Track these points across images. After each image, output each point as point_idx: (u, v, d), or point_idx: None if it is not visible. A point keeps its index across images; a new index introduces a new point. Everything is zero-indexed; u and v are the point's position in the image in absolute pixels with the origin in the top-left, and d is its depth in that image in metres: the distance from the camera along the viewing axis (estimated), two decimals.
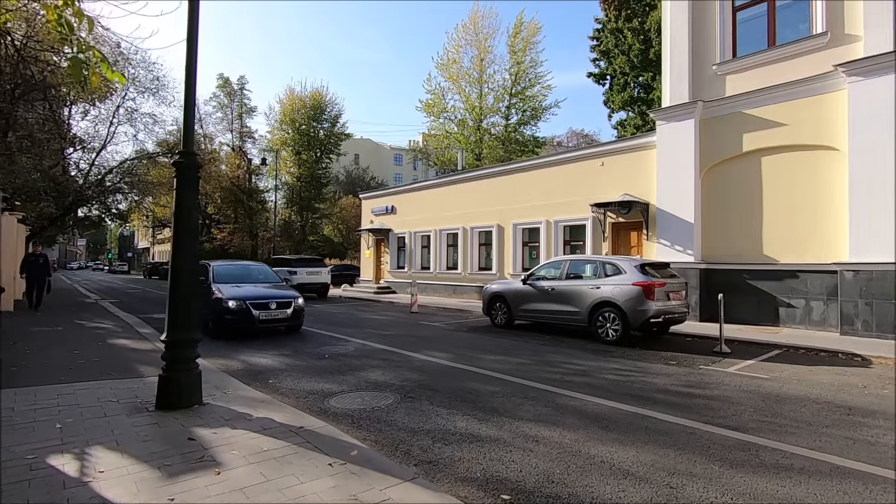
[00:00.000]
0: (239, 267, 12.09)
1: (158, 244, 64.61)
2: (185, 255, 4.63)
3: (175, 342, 4.55)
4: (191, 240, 4.68)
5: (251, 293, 9.90)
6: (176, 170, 4.67)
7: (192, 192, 4.71)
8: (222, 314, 9.44)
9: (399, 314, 14.37)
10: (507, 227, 17.18)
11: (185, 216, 4.63)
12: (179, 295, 4.60)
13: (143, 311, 14.47)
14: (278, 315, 9.70)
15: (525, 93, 39.40)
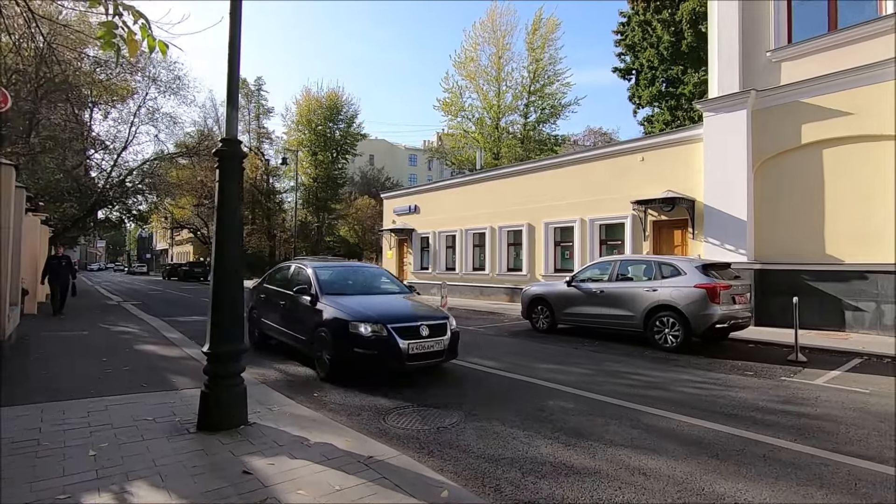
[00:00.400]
0: (348, 270, 8.46)
1: (177, 245, 65.08)
2: (229, 256, 4.10)
3: (218, 355, 4.02)
4: (235, 238, 4.15)
5: (388, 311, 6.37)
6: (218, 160, 4.13)
7: (236, 184, 4.17)
8: (346, 345, 5.92)
9: None
10: (538, 227, 16.52)
11: (228, 212, 4.10)
12: (223, 301, 4.08)
13: (166, 313, 14.11)
14: (433, 346, 6.11)
15: (544, 90, 38.71)
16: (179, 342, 8.64)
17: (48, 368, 6.18)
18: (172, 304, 17.70)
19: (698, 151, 12.38)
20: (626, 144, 14.38)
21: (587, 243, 14.92)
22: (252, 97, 49.63)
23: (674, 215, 12.93)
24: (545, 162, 16.75)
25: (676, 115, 24.49)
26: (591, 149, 15.54)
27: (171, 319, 12.50)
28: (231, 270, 4.11)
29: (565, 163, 15.88)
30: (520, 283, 17.01)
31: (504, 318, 13.55)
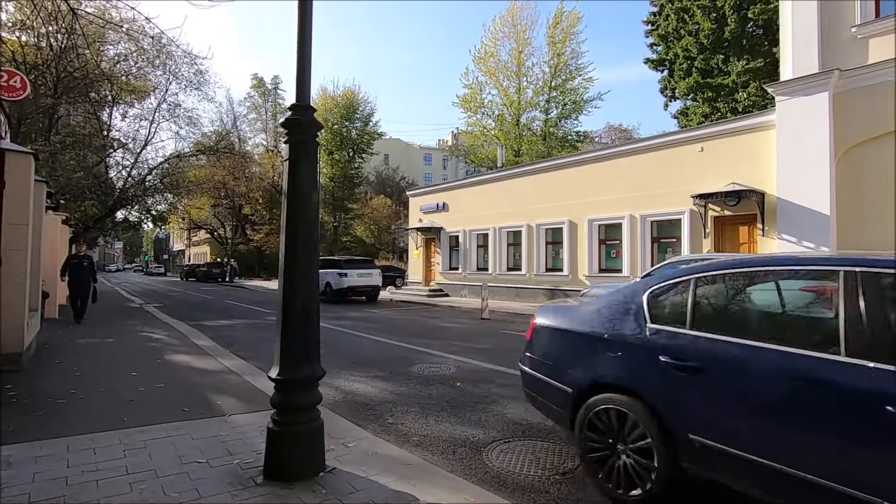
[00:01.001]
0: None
1: (194, 246, 64.98)
2: (302, 256, 3.21)
3: (291, 382, 3.13)
4: (310, 233, 3.26)
5: None
6: (287, 133, 3.24)
7: (311, 163, 3.28)
8: None
9: (471, 321, 12.87)
10: (580, 224, 15.50)
11: (301, 198, 3.21)
12: (295, 312, 3.19)
13: (191, 317, 13.36)
14: None
15: (565, 85, 37.61)
16: (212, 351, 7.81)
17: (72, 386, 5.36)
18: (195, 307, 17.00)
19: (768, 139, 11.29)
20: (682, 134, 13.30)
21: (638, 241, 13.87)
22: (269, 96, 49.23)
23: (739, 210, 11.84)
24: (588, 155, 15.71)
25: (716, 106, 23.25)
26: (641, 140, 14.47)
27: (197, 324, 11.73)
28: (305, 274, 3.23)
29: (611, 155, 14.84)
30: (560, 283, 16.02)
31: None
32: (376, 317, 13.77)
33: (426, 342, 9.14)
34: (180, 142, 23.86)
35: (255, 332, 10.75)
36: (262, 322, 12.48)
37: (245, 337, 9.95)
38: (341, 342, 9.12)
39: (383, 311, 15.41)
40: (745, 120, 12.04)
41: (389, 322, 12.62)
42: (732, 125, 12.19)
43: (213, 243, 55.23)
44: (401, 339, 9.51)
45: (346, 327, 11.35)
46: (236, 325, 11.78)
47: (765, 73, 21.20)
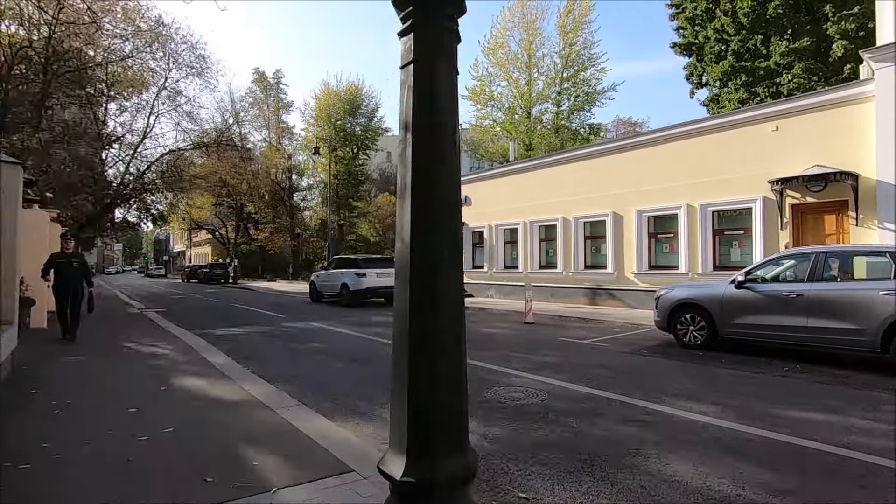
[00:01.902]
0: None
1: (195, 247, 63.49)
2: (449, 249, 1.68)
3: (428, 487, 1.61)
4: (455, 206, 1.74)
5: None
6: (411, 12, 1.71)
7: (452, 76, 1.76)
8: None
9: (515, 326, 11.37)
10: (626, 216, 13.99)
11: (442, 141, 1.68)
12: (436, 359, 1.66)
13: (197, 324, 11.86)
14: None
15: (577, 76, 36.18)
16: (229, 371, 6.31)
17: (46, 432, 3.86)
18: (200, 312, 15.49)
19: (864, 114, 9.79)
20: (750, 112, 11.76)
21: (698, 233, 12.37)
22: (271, 91, 47.64)
23: (824, 196, 10.33)
24: (637, 139, 14.15)
25: (755, 91, 21.72)
26: (701, 120, 12.93)
27: (205, 332, 10.24)
28: (451, 282, 1.69)
29: (664, 138, 13.30)
30: (603, 282, 14.52)
31: (607, 326, 11.06)
32: None
33: (483, 355, 7.64)
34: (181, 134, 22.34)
35: (273, 342, 9.25)
36: (279, 330, 10.98)
37: (264, 349, 8.45)
38: (383, 357, 7.62)
39: None
40: (833, 92, 10.51)
41: None
42: (816, 99, 10.66)
43: (215, 244, 53.73)
44: None
45: (379, 335, 9.86)
46: (250, 335, 10.28)
47: (811, 53, 19.70)
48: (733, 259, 11.99)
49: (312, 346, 8.64)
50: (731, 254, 12.05)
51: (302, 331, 10.74)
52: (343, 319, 12.78)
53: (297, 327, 11.35)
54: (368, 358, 7.54)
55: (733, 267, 11.88)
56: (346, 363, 7.20)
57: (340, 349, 8.35)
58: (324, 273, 18.42)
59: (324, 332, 10.46)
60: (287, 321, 12.53)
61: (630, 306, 13.81)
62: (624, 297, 14.04)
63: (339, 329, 10.92)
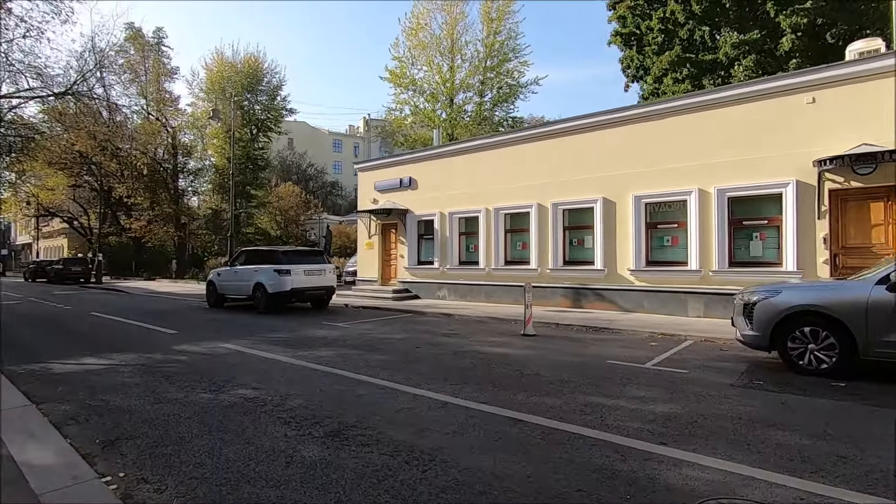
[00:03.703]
0: None
1: (45, 239, 52.20)
2: None
3: None
4: None
5: None
6: None
7: None
8: None
9: (516, 341, 8.49)
10: (621, 202, 11.81)
11: None
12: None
13: (27, 350, 7.38)
14: None
15: (500, 67, 34.76)
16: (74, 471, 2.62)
17: None
18: (40, 327, 10.54)
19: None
20: (779, 81, 10.02)
21: (712, 224, 10.48)
22: (149, 52, 39.84)
23: (872, 180, 8.84)
24: (637, 111, 11.86)
25: (702, 84, 21.14)
26: (715, 90, 11.06)
27: (34, 370, 6.00)
28: None
29: (668, 111, 11.26)
30: (589, 280, 12.24)
31: (631, 337, 8.67)
32: (363, 338, 8.82)
33: (555, 406, 4.65)
34: (18, 81, 16.08)
35: (165, 389, 5.37)
36: (170, 360, 6.98)
37: (148, 413, 4.61)
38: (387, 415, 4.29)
39: (362, 326, 10.41)
40: (882, 59, 9.03)
41: (394, 349, 7.80)
42: (863, 66, 9.13)
43: (73, 235, 44.16)
44: (474, 395, 4.90)
45: (339, 364, 6.40)
46: (119, 373, 6.20)
47: (759, 46, 19.42)
48: (753, 254, 10.27)
49: (238, 398, 4.98)
50: (749, 247, 10.32)
51: (209, 360, 6.87)
52: (266, 336, 8.98)
53: (200, 353, 7.40)
54: (360, 420, 4.17)
55: (752, 263, 10.17)
56: (324, 443, 3.76)
57: (294, 403, 4.82)
58: (227, 270, 14.08)
59: (246, 362, 6.71)
60: (181, 341, 8.42)
61: (623, 308, 11.66)
62: (615, 299, 11.86)
63: (267, 354, 7.22)
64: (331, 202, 56.85)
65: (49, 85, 15.54)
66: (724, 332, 8.07)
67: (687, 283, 10.82)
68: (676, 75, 22.56)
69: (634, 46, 25.16)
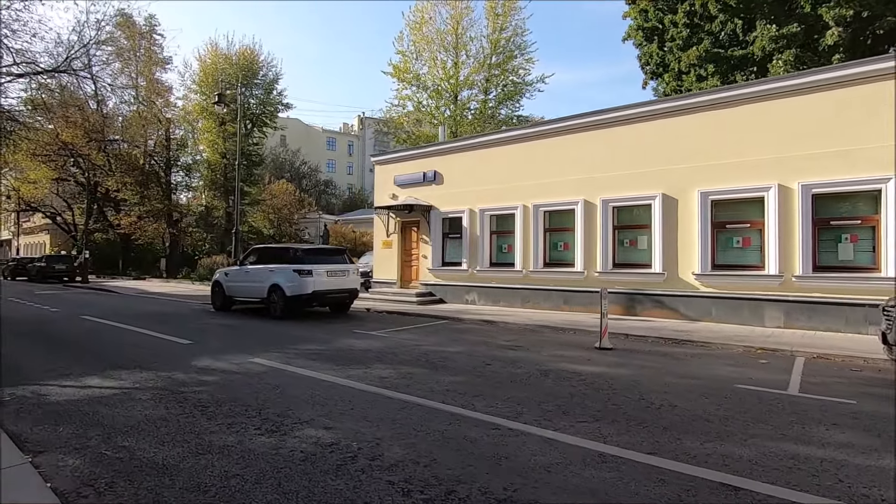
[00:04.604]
0: None
1: (25, 235, 49.83)
2: None
3: None
4: None
5: None
6: None
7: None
8: None
9: (591, 356, 7.27)
10: (683, 199, 10.68)
11: None
12: None
13: (9, 366, 5.96)
14: None
15: (505, 64, 33.74)
16: None
17: None
18: (23, 336, 9.03)
19: None
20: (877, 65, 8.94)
21: (794, 224, 9.38)
22: (141, 41, 37.99)
23: None
24: (707, 97, 10.60)
25: (734, 81, 20.19)
26: (804, 74, 9.92)
27: (21, 396, 4.62)
28: None
29: (745, 98, 10.11)
30: (645, 285, 11.09)
31: (733, 352, 7.52)
32: (413, 352, 7.53)
33: (701, 450, 3.45)
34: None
35: (203, 423, 4.04)
36: (193, 381, 5.62)
37: (191, 463, 3.27)
38: (565, 486, 3.02)
39: (402, 336, 9.10)
40: None
41: (460, 366, 6.52)
42: None
43: (56, 231, 42.01)
44: (626, 440, 3.65)
45: (415, 391, 5.11)
46: (136, 397, 4.85)
47: (799, 40, 18.51)
48: (842, 257, 9.18)
49: (311, 445, 3.67)
50: (838, 251, 9.23)
51: (245, 382, 5.52)
52: (298, 348, 7.64)
53: (230, 371, 6.04)
54: (513, 487, 2.89)
55: (841, 268, 9.08)
56: None
57: (393, 454, 3.53)
58: (237, 270, 12.65)
59: (293, 385, 5.37)
60: (199, 354, 7.04)
61: (687, 317, 10.52)
62: (676, 306, 10.71)
63: (311, 373, 5.89)
64: (325, 201, 55.35)
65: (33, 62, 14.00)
66: (832, 346, 6.96)
67: (763, 290, 9.70)
68: (701, 71, 21.63)
69: (656, 42, 24.21)
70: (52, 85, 24.12)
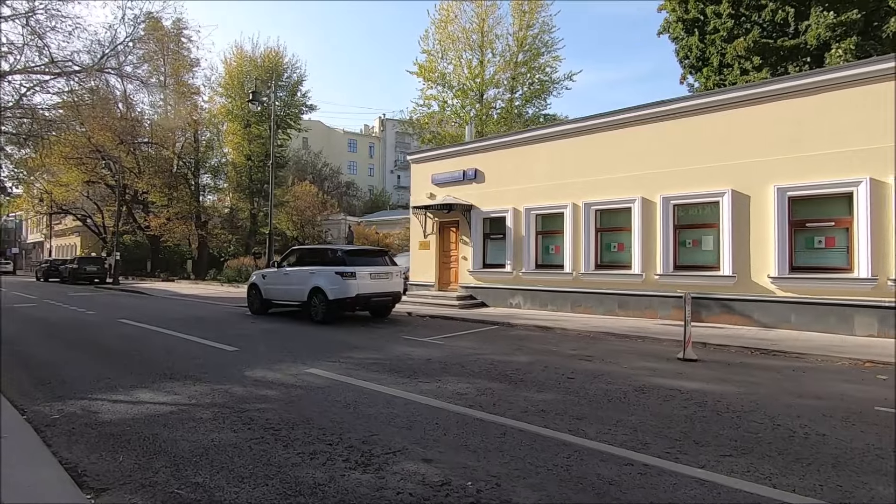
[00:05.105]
0: None
1: (57, 237, 50.72)
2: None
3: None
4: None
5: None
6: None
7: None
8: None
9: (679, 367, 6.53)
10: (757, 196, 9.84)
11: None
12: None
13: (50, 373, 5.53)
14: None
15: (532, 62, 32.95)
16: None
17: None
18: (62, 342, 8.66)
19: None
20: None
21: (890, 222, 8.48)
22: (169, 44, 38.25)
23: None
24: (792, 83, 9.69)
25: (784, 72, 19.12)
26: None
27: (75, 413, 4.13)
28: None
29: (835, 82, 9.21)
30: (713, 288, 10.26)
31: (821, 364, 6.70)
32: (480, 362, 6.90)
33: None
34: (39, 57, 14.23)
35: (281, 452, 3.46)
36: (257, 394, 5.08)
37: None
38: None
39: (458, 343, 8.48)
40: None
41: (540, 380, 5.85)
42: None
43: (86, 233, 42.62)
44: (829, 493, 2.94)
45: (504, 411, 4.47)
46: (197, 416, 4.32)
47: (859, 28, 17.42)
48: None
49: (421, 487, 3.05)
50: None
51: (310, 398, 4.94)
52: (353, 357, 7.07)
53: (289, 384, 5.48)
54: None
55: None
56: None
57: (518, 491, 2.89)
58: (275, 272, 12.18)
59: (365, 403, 4.77)
60: (250, 363, 6.51)
61: (762, 323, 9.67)
62: (749, 311, 9.87)
63: (379, 387, 5.29)
64: (346, 203, 55.27)
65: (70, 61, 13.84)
66: None
67: (851, 295, 8.82)
68: (746, 64, 20.60)
69: (696, 34, 23.21)
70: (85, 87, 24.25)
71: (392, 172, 75.36)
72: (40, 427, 3.91)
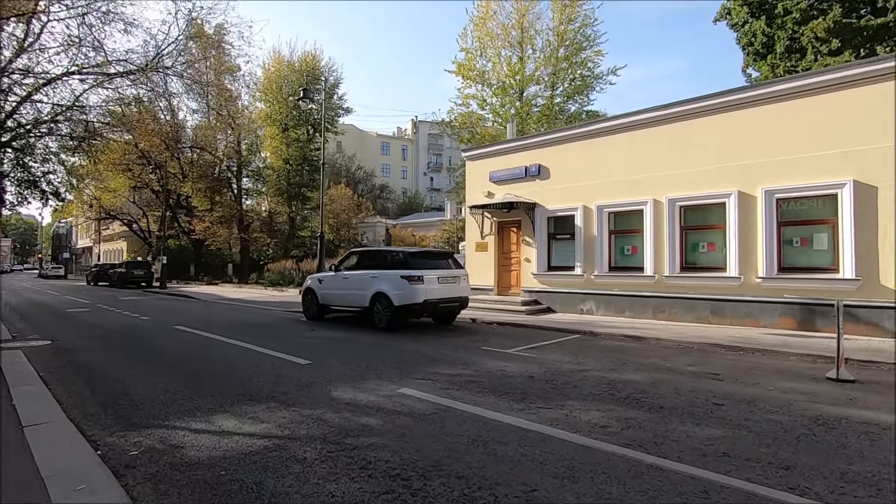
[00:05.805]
0: None
1: (105, 242, 52.24)
2: None
3: None
4: None
5: None
6: None
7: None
8: None
9: (847, 392, 5.42)
10: (883, 187, 8.53)
11: None
12: None
13: (119, 392, 4.88)
14: None
15: (573, 57, 31.59)
16: None
17: None
18: (122, 350, 8.15)
19: None
20: None
21: None
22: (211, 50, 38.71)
23: None
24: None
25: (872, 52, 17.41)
26: None
27: (152, 447, 3.36)
28: None
29: None
30: (831, 293, 8.94)
31: None
32: (587, 380, 5.98)
33: None
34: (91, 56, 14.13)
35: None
36: (358, 423, 4.29)
37: None
38: None
39: (548, 356, 7.55)
40: None
41: (686, 407, 4.87)
42: None
43: (132, 238, 43.61)
44: None
45: (671, 454, 3.52)
46: (295, 451, 3.55)
47: None
48: None
49: None
50: None
51: (423, 430, 4.10)
52: (441, 373, 6.21)
53: (389, 410, 4.66)
54: None
55: None
56: None
57: None
58: (332, 276, 11.51)
59: (490, 436, 3.90)
60: (331, 380, 5.75)
61: (893, 333, 8.36)
62: (878, 320, 8.56)
63: (496, 415, 4.42)
64: (380, 205, 55.01)
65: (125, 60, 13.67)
66: None
67: None
68: (822, 48, 18.93)
69: (763, 18, 21.58)
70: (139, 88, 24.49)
71: (425, 174, 74.99)
72: (119, 470, 3.20)
